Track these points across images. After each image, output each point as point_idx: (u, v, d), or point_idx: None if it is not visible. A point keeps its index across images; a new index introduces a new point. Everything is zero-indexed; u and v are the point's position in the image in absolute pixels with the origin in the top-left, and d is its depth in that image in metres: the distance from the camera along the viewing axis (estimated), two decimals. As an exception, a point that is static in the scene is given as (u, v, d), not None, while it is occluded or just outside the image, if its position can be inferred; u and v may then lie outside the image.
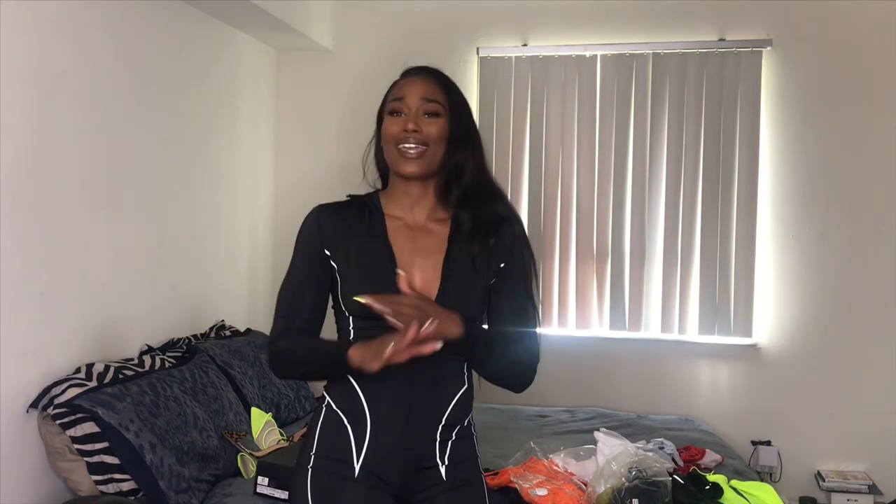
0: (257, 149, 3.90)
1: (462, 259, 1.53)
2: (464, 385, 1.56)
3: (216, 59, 3.47)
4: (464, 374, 1.56)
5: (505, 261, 1.56)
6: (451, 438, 1.55)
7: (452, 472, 1.54)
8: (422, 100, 1.51)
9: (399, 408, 1.49)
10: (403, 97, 1.52)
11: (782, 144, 3.64)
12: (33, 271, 2.35)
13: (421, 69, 1.59)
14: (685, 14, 3.69)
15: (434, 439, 1.53)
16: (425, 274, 1.51)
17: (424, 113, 1.51)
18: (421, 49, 3.89)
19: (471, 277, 1.52)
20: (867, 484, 3.44)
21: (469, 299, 1.51)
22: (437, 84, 1.55)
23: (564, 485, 2.33)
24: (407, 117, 1.50)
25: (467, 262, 1.53)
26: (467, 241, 1.54)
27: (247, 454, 2.61)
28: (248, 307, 3.81)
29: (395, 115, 1.52)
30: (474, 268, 1.53)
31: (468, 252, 1.53)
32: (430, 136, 1.50)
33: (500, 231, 1.56)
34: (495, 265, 1.55)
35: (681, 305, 3.69)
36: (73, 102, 2.51)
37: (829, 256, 3.60)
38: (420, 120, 1.50)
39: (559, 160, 3.78)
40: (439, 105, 1.52)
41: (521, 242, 1.59)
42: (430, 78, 1.56)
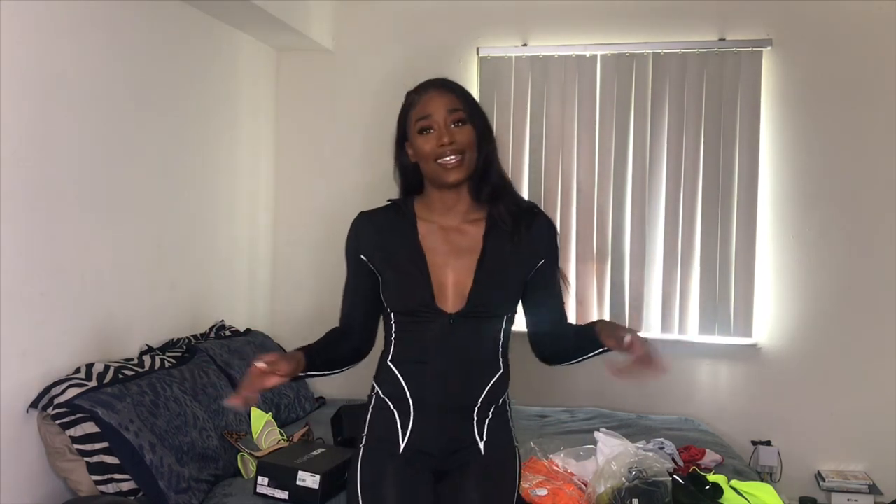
0: (257, 149, 3.90)
1: (497, 255, 1.64)
2: (499, 370, 1.68)
3: (216, 59, 3.47)
4: (499, 360, 1.68)
5: (545, 257, 1.69)
6: (487, 417, 1.67)
7: (490, 447, 1.67)
8: (447, 111, 1.61)
9: (436, 395, 1.63)
10: (430, 114, 1.62)
11: (782, 144, 3.64)
12: (33, 271, 2.36)
13: (433, 83, 1.67)
14: (685, 14, 3.69)
15: (471, 419, 1.65)
16: (458, 274, 1.63)
17: (452, 123, 1.61)
18: (421, 49, 3.90)
19: (506, 272, 1.65)
20: (867, 484, 3.44)
21: (503, 295, 1.65)
22: (454, 93, 1.64)
23: (564, 485, 2.34)
24: (438, 132, 1.60)
25: (503, 258, 1.64)
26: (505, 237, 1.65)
27: (247, 454, 2.61)
28: (248, 307, 3.82)
29: (426, 132, 1.62)
30: (512, 261, 1.65)
31: (504, 247, 1.65)
32: (464, 143, 1.61)
33: (537, 224, 1.69)
34: (535, 260, 1.68)
35: (681, 306, 3.69)
36: (73, 102, 2.51)
37: (829, 256, 3.60)
38: (451, 131, 1.60)
39: (559, 160, 3.78)
40: (463, 112, 1.62)
41: (555, 237, 1.72)
42: (445, 89, 1.65)
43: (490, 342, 1.66)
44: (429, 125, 1.61)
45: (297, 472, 2.37)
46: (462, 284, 1.62)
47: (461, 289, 1.62)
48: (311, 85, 4.05)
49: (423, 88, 1.66)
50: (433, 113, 1.61)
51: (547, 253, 1.69)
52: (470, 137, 1.61)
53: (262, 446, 2.73)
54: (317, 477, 2.35)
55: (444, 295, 1.62)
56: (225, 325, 3.43)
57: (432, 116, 1.61)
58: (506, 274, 1.65)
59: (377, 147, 3.94)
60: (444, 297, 1.62)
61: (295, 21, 3.54)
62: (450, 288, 1.62)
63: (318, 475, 2.35)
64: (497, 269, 1.63)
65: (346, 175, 3.99)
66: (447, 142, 1.59)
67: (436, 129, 1.60)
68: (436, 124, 1.60)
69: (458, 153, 1.60)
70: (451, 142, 1.59)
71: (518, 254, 1.66)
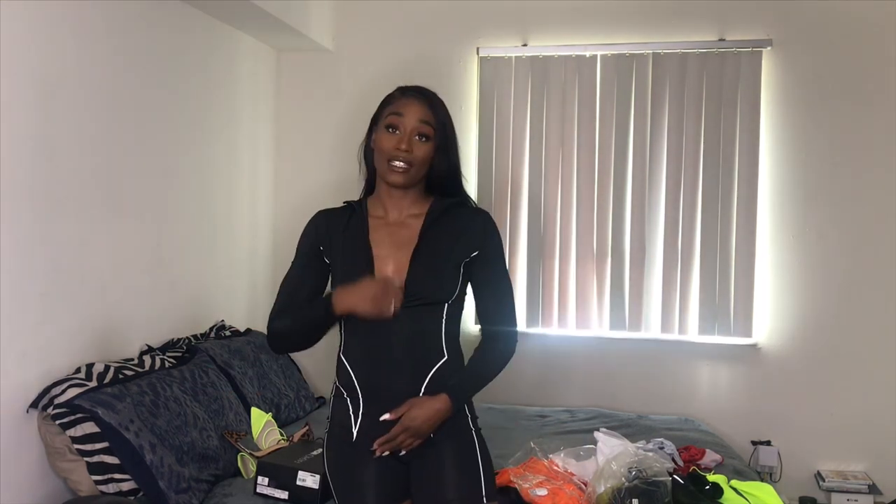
0: (257, 149, 3.90)
1: (433, 246, 1.73)
2: (442, 357, 1.73)
3: (216, 59, 3.47)
4: (443, 348, 1.73)
5: (478, 248, 1.76)
6: None
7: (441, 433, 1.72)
8: (418, 121, 1.71)
9: (382, 383, 1.71)
10: (402, 114, 1.71)
11: (782, 144, 3.64)
12: (33, 271, 2.36)
13: (418, 90, 1.76)
14: (685, 14, 3.69)
15: None
16: (398, 263, 1.72)
17: (418, 134, 1.71)
18: (421, 49, 3.90)
19: (440, 261, 1.72)
20: (867, 484, 3.44)
21: (437, 280, 1.71)
22: (432, 108, 1.73)
23: (564, 485, 2.34)
24: (401, 136, 1.70)
25: (438, 249, 1.73)
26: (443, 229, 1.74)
27: (247, 454, 2.61)
28: (248, 307, 3.82)
29: (391, 129, 1.71)
30: (446, 251, 1.73)
31: (440, 238, 1.74)
32: (418, 158, 1.71)
33: (475, 219, 1.78)
34: (469, 250, 1.75)
35: (681, 305, 3.69)
36: (73, 102, 2.52)
37: (829, 256, 3.60)
38: (412, 142, 1.70)
39: (559, 160, 3.78)
40: (431, 128, 1.72)
41: (491, 231, 1.79)
42: (425, 101, 1.74)
43: (431, 332, 1.72)
44: (396, 124, 1.70)
45: (297, 472, 2.38)
46: (400, 274, 1.71)
47: (399, 277, 1.70)
48: (311, 85, 4.05)
49: (409, 90, 1.75)
50: (405, 115, 1.70)
51: (482, 245, 1.75)
52: (426, 155, 1.71)
53: (262, 446, 2.73)
54: (317, 477, 2.35)
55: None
56: (225, 325, 3.43)
57: (403, 118, 1.70)
58: (440, 262, 1.72)
59: (377, 147, 3.96)
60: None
61: (295, 21, 3.54)
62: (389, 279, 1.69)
63: (318, 475, 2.35)
64: (431, 258, 1.72)
65: (345, 175, 3.98)
66: (404, 148, 1.68)
67: (401, 131, 1.70)
68: (402, 127, 1.70)
69: (409, 163, 1.69)
70: (408, 150, 1.68)
71: (453, 244, 1.74)
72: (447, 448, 1.74)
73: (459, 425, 1.77)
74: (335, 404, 1.80)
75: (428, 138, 1.71)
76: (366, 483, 1.73)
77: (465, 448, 1.76)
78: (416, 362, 1.71)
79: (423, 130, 1.70)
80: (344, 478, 1.77)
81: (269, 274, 4.04)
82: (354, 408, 1.74)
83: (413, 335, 1.70)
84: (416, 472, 1.76)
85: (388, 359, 1.71)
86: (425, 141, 1.71)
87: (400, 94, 1.75)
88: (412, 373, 1.71)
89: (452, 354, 1.75)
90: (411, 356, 1.71)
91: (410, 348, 1.70)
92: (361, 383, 1.73)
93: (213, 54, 3.43)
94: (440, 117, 1.74)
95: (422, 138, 1.70)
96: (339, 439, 1.78)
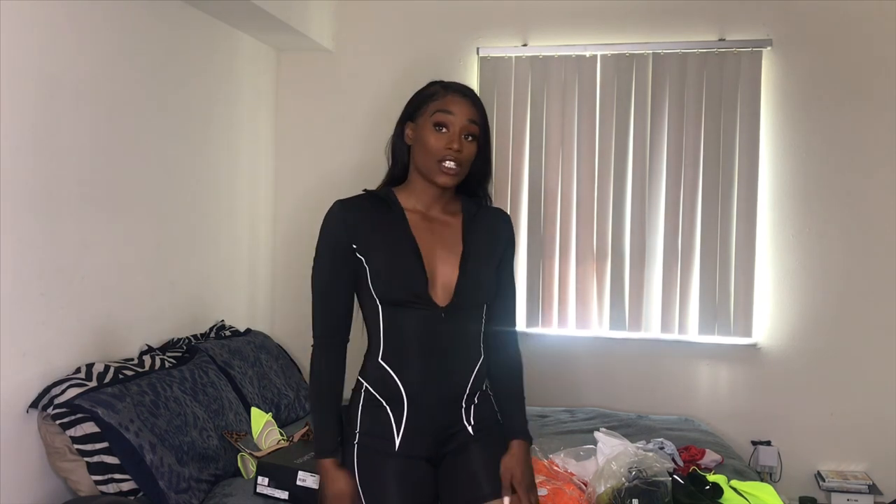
0: (257, 148, 3.90)
1: (476, 249, 1.72)
2: (481, 356, 1.75)
3: (216, 59, 3.47)
4: (480, 347, 1.75)
5: (505, 247, 1.79)
6: (474, 403, 1.74)
7: (478, 427, 1.73)
8: (467, 121, 1.66)
9: (431, 387, 1.67)
10: (452, 113, 1.66)
11: (782, 144, 3.64)
12: (33, 271, 2.36)
13: (464, 88, 1.72)
14: (685, 14, 3.69)
15: (461, 407, 1.71)
16: (445, 266, 1.68)
17: (466, 134, 1.66)
18: (421, 49, 3.90)
19: (485, 267, 1.72)
20: (867, 484, 3.44)
21: (484, 288, 1.72)
22: (477, 109, 1.70)
23: (564, 485, 2.34)
24: (451, 135, 1.65)
25: (481, 252, 1.72)
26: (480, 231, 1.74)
27: (247, 454, 2.61)
28: (248, 307, 3.82)
29: (440, 128, 1.65)
30: (487, 255, 1.73)
31: (481, 241, 1.73)
32: (467, 158, 1.67)
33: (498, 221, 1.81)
34: (500, 253, 1.78)
35: (681, 305, 3.69)
36: (73, 102, 2.52)
37: (829, 256, 3.60)
38: (462, 141, 1.65)
39: (559, 160, 3.78)
40: (478, 129, 1.68)
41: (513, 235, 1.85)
42: (472, 101, 1.70)
43: (474, 332, 1.73)
44: (446, 123, 1.64)
45: (297, 472, 2.38)
46: (449, 277, 1.67)
47: (448, 282, 1.66)
48: (311, 85, 4.05)
49: (452, 87, 1.70)
50: (456, 114, 1.65)
51: (506, 248, 1.79)
52: (472, 155, 1.68)
53: (262, 446, 2.73)
54: (317, 477, 2.34)
55: (435, 287, 1.65)
56: (225, 325, 3.43)
57: (453, 117, 1.65)
58: (485, 268, 1.72)
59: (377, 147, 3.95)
60: (434, 289, 1.65)
61: (295, 21, 3.54)
62: (439, 280, 1.66)
63: (318, 475, 2.34)
64: (478, 263, 1.71)
65: (346, 175, 3.99)
66: (456, 148, 1.63)
67: (451, 130, 1.64)
68: (453, 126, 1.64)
69: (459, 164, 1.64)
70: (459, 150, 1.64)
71: (491, 247, 1.75)
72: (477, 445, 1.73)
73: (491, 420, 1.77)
74: (366, 413, 1.69)
75: (474, 138, 1.68)
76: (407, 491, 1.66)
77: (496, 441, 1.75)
78: (462, 364, 1.71)
79: (471, 130, 1.66)
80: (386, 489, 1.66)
81: (269, 274, 4.04)
82: (397, 416, 1.66)
83: (460, 337, 1.69)
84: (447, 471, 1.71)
85: (435, 362, 1.66)
86: (472, 140, 1.67)
87: (444, 91, 1.68)
88: (459, 375, 1.70)
89: (485, 354, 1.77)
90: (457, 357, 1.70)
91: (457, 351, 1.69)
92: (407, 388, 1.65)
93: (213, 54, 3.43)
94: (483, 117, 1.71)
95: (469, 138, 1.67)
96: (376, 451, 1.67)
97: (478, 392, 1.75)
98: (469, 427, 1.72)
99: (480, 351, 1.74)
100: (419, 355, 1.65)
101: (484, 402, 1.76)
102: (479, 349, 1.74)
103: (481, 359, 1.74)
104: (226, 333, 3.35)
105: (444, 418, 1.70)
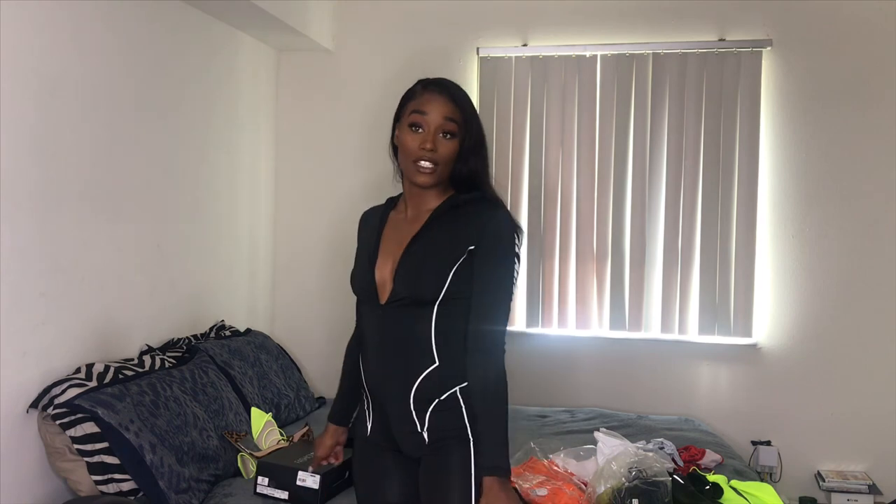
0: (257, 149, 3.90)
1: (427, 243, 1.65)
2: (433, 363, 1.64)
3: (216, 59, 3.47)
4: (433, 354, 1.64)
5: (474, 244, 1.62)
6: (428, 410, 1.65)
7: (435, 438, 1.66)
8: (443, 118, 1.63)
9: (379, 383, 1.71)
10: (426, 112, 1.63)
11: (782, 144, 3.64)
12: (33, 271, 2.36)
13: (441, 84, 1.68)
14: (685, 14, 3.69)
15: (409, 409, 1.66)
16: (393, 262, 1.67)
17: (443, 132, 1.63)
18: (421, 49, 3.90)
19: (429, 259, 1.63)
20: (867, 484, 3.44)
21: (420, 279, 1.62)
22: (455, 103, 1.65)
23: (564, 485, 2.34)
24: (426, 134, 1.63)
25: (431, 246, 1.64)
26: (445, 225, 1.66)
27: (247, 454, 2.61)
28: (248, 307, 3.82)
29: (415, 128, 1.64)
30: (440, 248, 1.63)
31: (437, 237, 1.65)
32: (444, 156, 1.64)
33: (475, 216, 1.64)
34: (463, 248, 1.62)
35: (681, 305, 3.69)
36: (73, 102, 2.52)
37: (829, 256, 3.60)
38: (437, 140, 1.63)
39: (559, 160, 3.78)
40: (456, 125, 1.64)
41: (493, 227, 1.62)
42: (449, 96, 1.65)
43: (421, 334, 1.62)
44: (420, 123, 1.63)
45: (297, 472, 2.38)
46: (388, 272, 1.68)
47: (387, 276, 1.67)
48: (311, 85, 4.05)
49: (431, 85, 1.67)
50: (429, 113, 1.63)
51: (478, 241, 1.61)
52: (452, 153, 1.64)
53: (262, 446, 2.73)
54: (317, 477, 2.35)
55: (383, 284, 1.67)
56: (225, 325, 3.43)
57: (427, 116, 1.63)
58: (430, 260, 1.62)
59: (377, 147, 3.95)
60: (382, 286, 1.67)
61: (295, 21, 3.54)
62: (386, 277, 1.67)
63: (318, 475, 2.35)
64: (422, 256, 1.64)
65: (346, 175, 3.99)
66: (429, 147, 1.61)
67: (425, 130, 1.63)
68: (427, 126, 1.63)
69: (434, 163, 1.62)
70: (433, 150, 1.61)
71: (448, 241, 1.63)
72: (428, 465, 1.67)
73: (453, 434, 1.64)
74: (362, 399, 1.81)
75: (453, 135, 1.63)
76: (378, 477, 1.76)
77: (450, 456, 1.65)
78: (406, 365, 1.65)
79: (448, 128, 1.63)
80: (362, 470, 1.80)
81: (269, 274, 4.04)
82: (367, 404, 1.76)
83: (402, 337, 1.64)
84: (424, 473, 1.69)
85: (382, 360, 1.69)
86: (450, 138, 1.63)
87: (422, 89, 1.67)
88: (403, 376, 1.65)
89: (447, 361, 1.62)
90: (401, 358, 1.65)
91: (400, 350, 1.65)
92: (367, 381, 1.74)
93: (213, 54, 3.43)
94: (465, 112, 1.65)
95: (446, 136, 1.63)
96: (358, 433, 1.82)
97: (433, 401, 1.63)
98: (424, 433, 1.65)
99: (433, 357, 1.62)
100: (370, 351, 1.71)
101: (444, 412, 1.63)
102: (432, 354, 1.62)
103: (433, 366, 1.62)
104: (226, 333, 3.35)
105: (396, 416, 1.68)
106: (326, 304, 3.93)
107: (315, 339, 3.97)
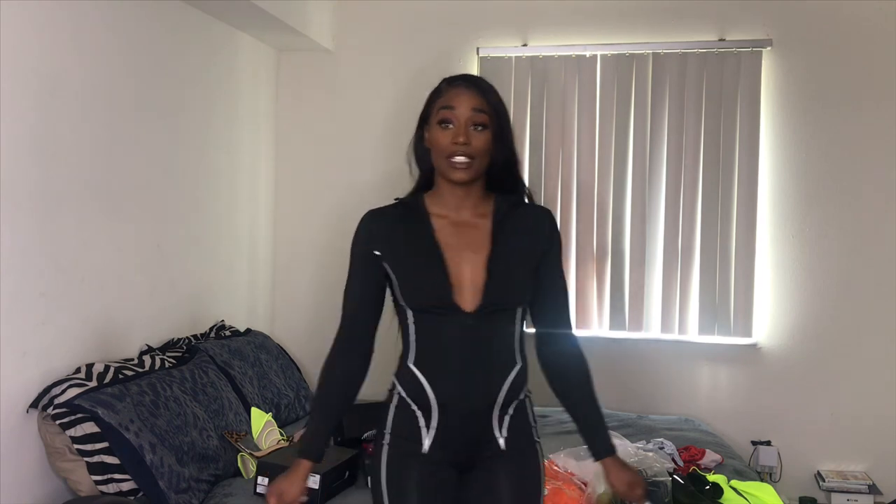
0: (257, 149, 3.90)
1: (506, 250, 1.65)
2: (516, 364, 1.67)
3: (216, 59, 3.47)
4: (515, 355, 1.67)
5: (546, 248, 1.70)
6: (508, 413, 1.67)
7: (510, 442, 1.66)
8: (471, 111, 1.60)
9: (459, 394, 1.62)
10: (453, 107, 1.60)
11: (782, 144, 3.64)
12: (33, 271, 2.36)
13: (466, 78, 1.66)
14: (685, 14, 3.69)
15: (491, 416, 1.65)
16: (473, 266, 1.62)
17: (473, 124, 1.60)
18: (421, 49, 3.90)
19: (517, 265, 1.65)
20: (867, 484, 3.44)
21: (516, 285, 1.65)
22: (483, 94, 1.63)
23: (564, 485, 2.34)
24: (457, 129, 1.59)
25: (512, 251, 1.65)
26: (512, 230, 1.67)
27: (247, 454, 2.61)
28: (248, 307, 3.82)
29: (445, 125, 1.61)
30: (520, 254, 1.66)
31: (512, 240, 1.66)
32: (478, 149, 1.60)
33: (538, 219, 1.72)
34: (539, 252, 1.69)
35: (681, 305, 3.69)
36: (73, 102, 2.52)
37: (829, 256, 3.60)
38: (469, 133, 1.59)
39: (559, 160, 3.78)
40: (486, 116, 1.61)
41: (557, 230, 1.76)
42: (476, 88, 1.63)
43: (507, 338, 1.65)
44: (449, 118, 1.60)
45: (297, 472, 2.37)
46: (476, 281, 1.61)
47: (475, 285, 1.60)
48: (311, 85, 4.05)
49: (456, 80, 1.65)
50: (457, 108, 1.60)
51: (550, 245, 1.71)
52: (486, 145, 1.60)
53: (262, 446, 2.73)
54: (317, 477, 2.35)
55: (462, 292, 1.60)
56: (225, 325, 3.43)
57: (455, 111, 1.60)
58: (516, 267, 1.65)
59: (377, 147, 3.96)
60: (461, 293, 1.60)
61: (295, 21, 3.54)
62: (466, 284, 1.60)
63: (318, 475, 2.35)
64: (508, 262, 1.63)
65: (346, 175, 3.99)
66: (462, 141, 1.57)
67: (455, 125, 1.59)
68: (456, 120, 1.59)
69: (470, 157, 1.58)
70: (466, 143, 1.58)
71: (525, 246, 1.67)
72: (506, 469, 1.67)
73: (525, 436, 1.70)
74: (399, 417, 1.67)
75: (484, 127, 1.59)
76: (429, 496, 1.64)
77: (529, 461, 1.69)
78: (493, 371, 1.63)
79: (478, 119, 1.59)
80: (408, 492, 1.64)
81: (269, 274, 4.04)
82: (427, 420, 1.64)
83: (491, 343, 1.62)
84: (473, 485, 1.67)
85: (468, 370, 1.61)
86: (482, 130, 1.59)
87: (447, 86, 1.64)
88: (489, 382, 1.63)
89: (524, 360, 1.69)
90: (488, 365, 1.62)
91: (490, 357, 1.62)
92: (438, 395, 1.62)
93: (213, 54, 3.43)
94: (493, 103, 1.62)
95: (478, 128, 1.59)
96: (404, 453, 1.66)
97: (513, 402, 1.67)
98: (501, 439, 1.65)
99: (516, 358, 1.67)
100: (448, 361, 1.61)
101: (519, 413, 1.69)
102: (515, 356, 1.66)
103: (517, 367, 1.66)
104: (226, 333, 3.35)
105: (474, 427, 1.64)
106: (326, 304, 3.92)
107: (315, 339, 3.97)
